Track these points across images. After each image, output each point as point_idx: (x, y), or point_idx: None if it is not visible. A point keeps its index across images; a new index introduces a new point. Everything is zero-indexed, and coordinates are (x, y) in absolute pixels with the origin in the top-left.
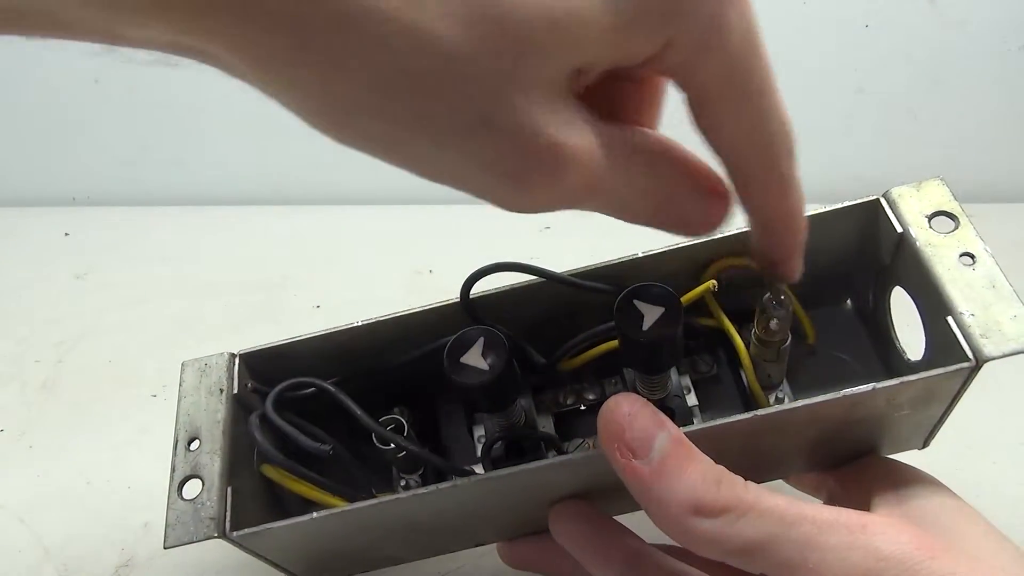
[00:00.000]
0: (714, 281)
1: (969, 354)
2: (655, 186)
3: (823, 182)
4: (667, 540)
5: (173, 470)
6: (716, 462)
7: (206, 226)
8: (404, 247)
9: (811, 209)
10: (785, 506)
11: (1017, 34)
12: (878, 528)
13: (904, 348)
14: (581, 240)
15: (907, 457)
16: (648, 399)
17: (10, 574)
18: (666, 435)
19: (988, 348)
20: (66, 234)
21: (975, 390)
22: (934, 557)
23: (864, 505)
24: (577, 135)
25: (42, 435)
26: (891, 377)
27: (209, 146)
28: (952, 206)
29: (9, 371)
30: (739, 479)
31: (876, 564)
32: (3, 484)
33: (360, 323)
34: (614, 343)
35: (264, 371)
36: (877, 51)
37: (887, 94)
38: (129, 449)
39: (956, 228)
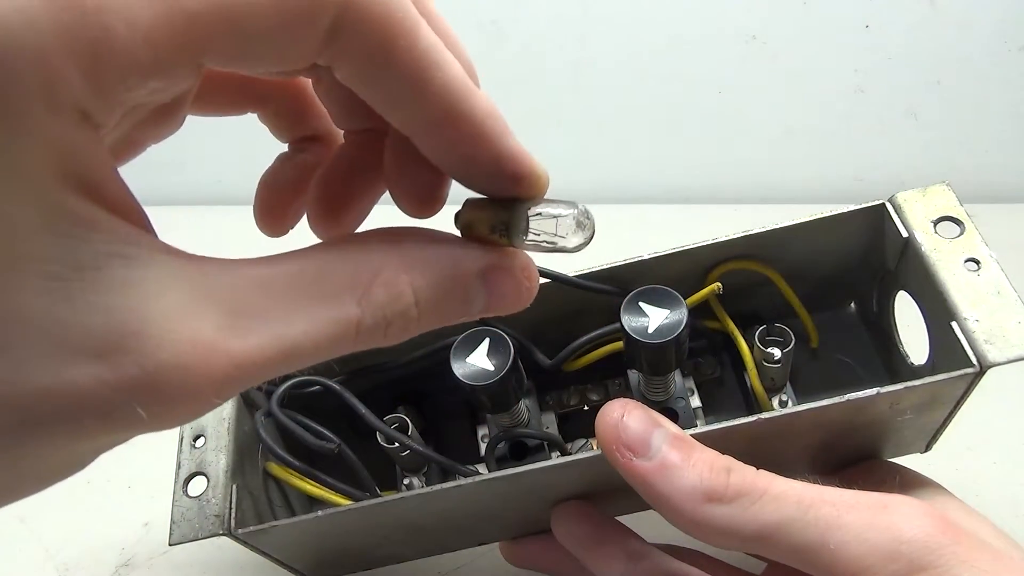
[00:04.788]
0: (719, 284)
1: (973, 359)
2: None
3: (824, 182)
4: (668, 541)
5: (179, 467)
6: None
7: (207, 226)
8: None
9: (815, 211)
10: (802, 489)
11: (1017, 34)
12: (900, 509)
13: (907, 352)
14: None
15: (908, 460)
16: (652, 401)
17: (10, 574)
18: (663, 432)
19: (992, 354)
20: None
21: (976, 392)
22: (957, 542)
23: None
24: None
25: None
26: (894, 380)
27: (209, 146)
28: (958, 211)
29: None
30: (749, 466)
31: (898, 546)
32: None
33: None
34: (618, 344)
35: None
36: (877, 51)
37: (887, 94)
38: (129, 449)
39: (962, 233)
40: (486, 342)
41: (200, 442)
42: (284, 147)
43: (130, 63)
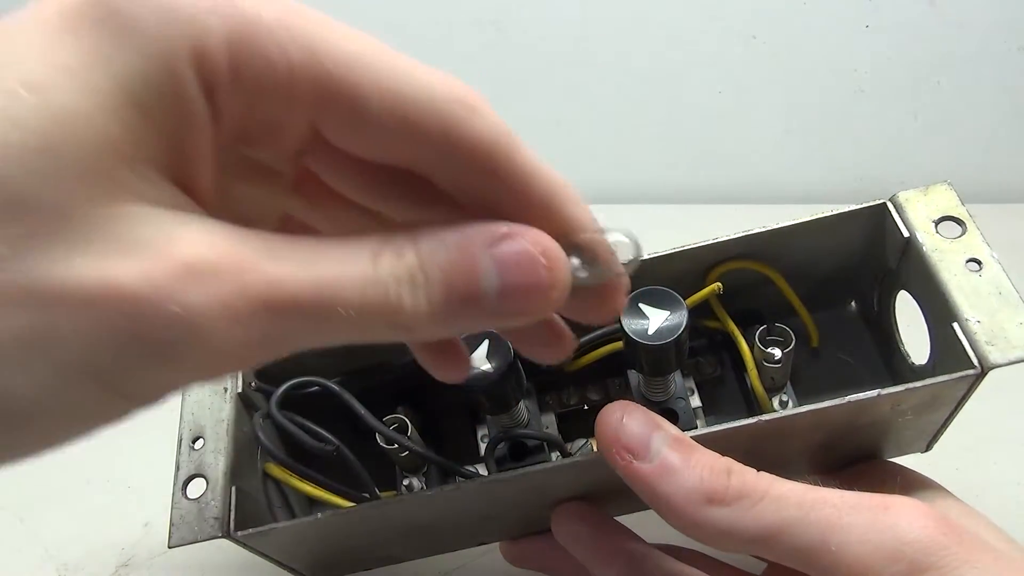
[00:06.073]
0: (719, 284)
1: (974, 361)
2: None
3: (824, 182)
4: (668, 541)
5: (177, 469)
6: None
7: None
8: None
9: (815, 211)
10: (803, 490)
11: (1017, 34)
12: (902, 510)
13: (908, 352)
14: None
15: (909, 460)
16: (652, 401)
17: (10, 574)
18: (663, 434)
19: (993, 355)
20: None
21: (977, 392)
22: (959, 543)
23: None
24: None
25: None
26: (895, 380)
27: None
28: (959, 211)
29: None
30: (750, 468)
31: (899, 547)
32: (3, 484)
33: None
34: (618, 344)
35: (268, 370)
36: (877, 51)
37: (887, 95)
38: (129, 449)
39: (963, 233)
40: (485, 343)
41: (199, 444)
42: None
43: None
